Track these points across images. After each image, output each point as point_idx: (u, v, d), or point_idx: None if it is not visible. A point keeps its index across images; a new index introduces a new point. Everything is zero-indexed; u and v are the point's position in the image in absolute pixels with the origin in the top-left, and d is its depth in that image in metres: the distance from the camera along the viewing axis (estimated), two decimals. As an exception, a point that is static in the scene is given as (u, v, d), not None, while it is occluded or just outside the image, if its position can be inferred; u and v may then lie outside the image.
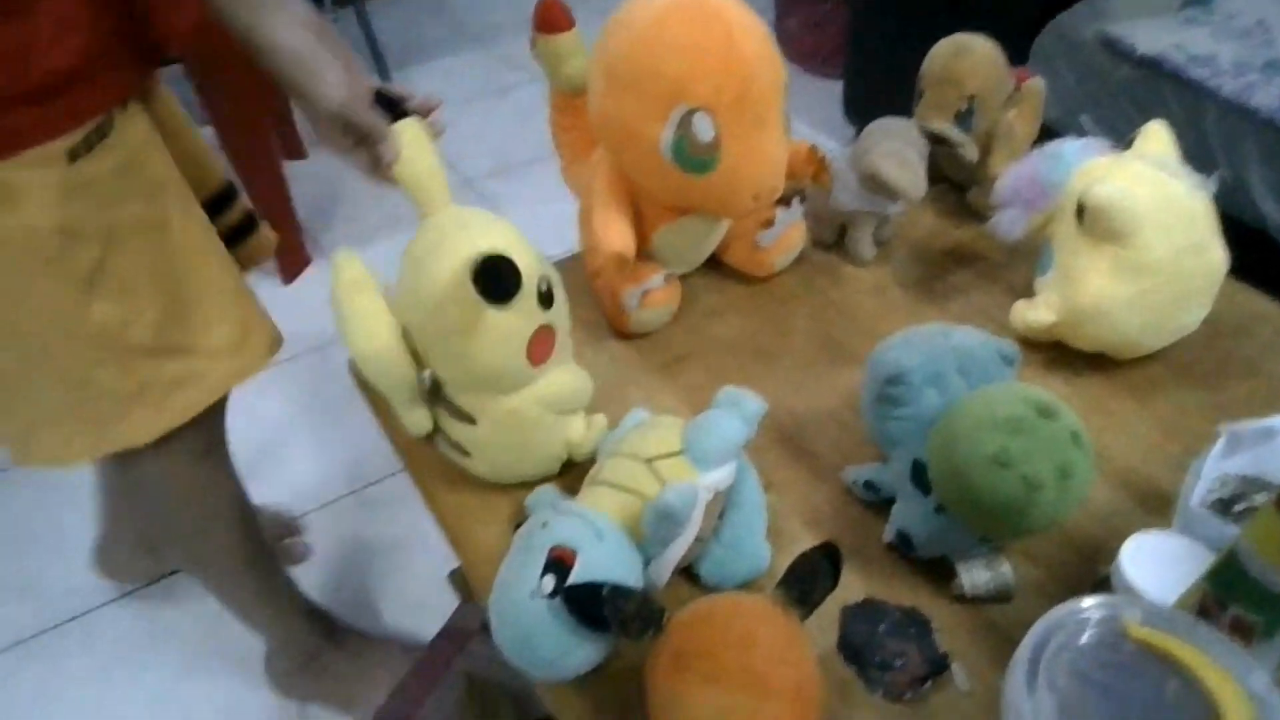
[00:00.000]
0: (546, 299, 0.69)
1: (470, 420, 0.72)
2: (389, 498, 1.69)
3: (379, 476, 1.72)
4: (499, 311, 0.64)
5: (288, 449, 1.81)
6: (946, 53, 1.00)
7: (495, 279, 0.62)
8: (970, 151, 0.98)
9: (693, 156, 0.77)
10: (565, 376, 0.73)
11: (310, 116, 0.72)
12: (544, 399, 0.72)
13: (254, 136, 1.98)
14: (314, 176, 2.47)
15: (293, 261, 2.16)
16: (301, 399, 1.90)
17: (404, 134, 0.72)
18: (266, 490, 1.72)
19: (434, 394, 0.74)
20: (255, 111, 1.97)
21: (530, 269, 0.65)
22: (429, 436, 0.76)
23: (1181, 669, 0.47)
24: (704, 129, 0.76)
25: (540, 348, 0.69)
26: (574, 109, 0.91)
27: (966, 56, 0.99)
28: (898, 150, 0.92)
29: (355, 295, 0.69)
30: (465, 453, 0.74)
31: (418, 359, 0.71)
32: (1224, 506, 0.67)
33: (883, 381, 0.70)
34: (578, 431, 0.75)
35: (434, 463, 0.80)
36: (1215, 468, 0.68)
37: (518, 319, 0.66)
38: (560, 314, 0.71)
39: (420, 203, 0.72)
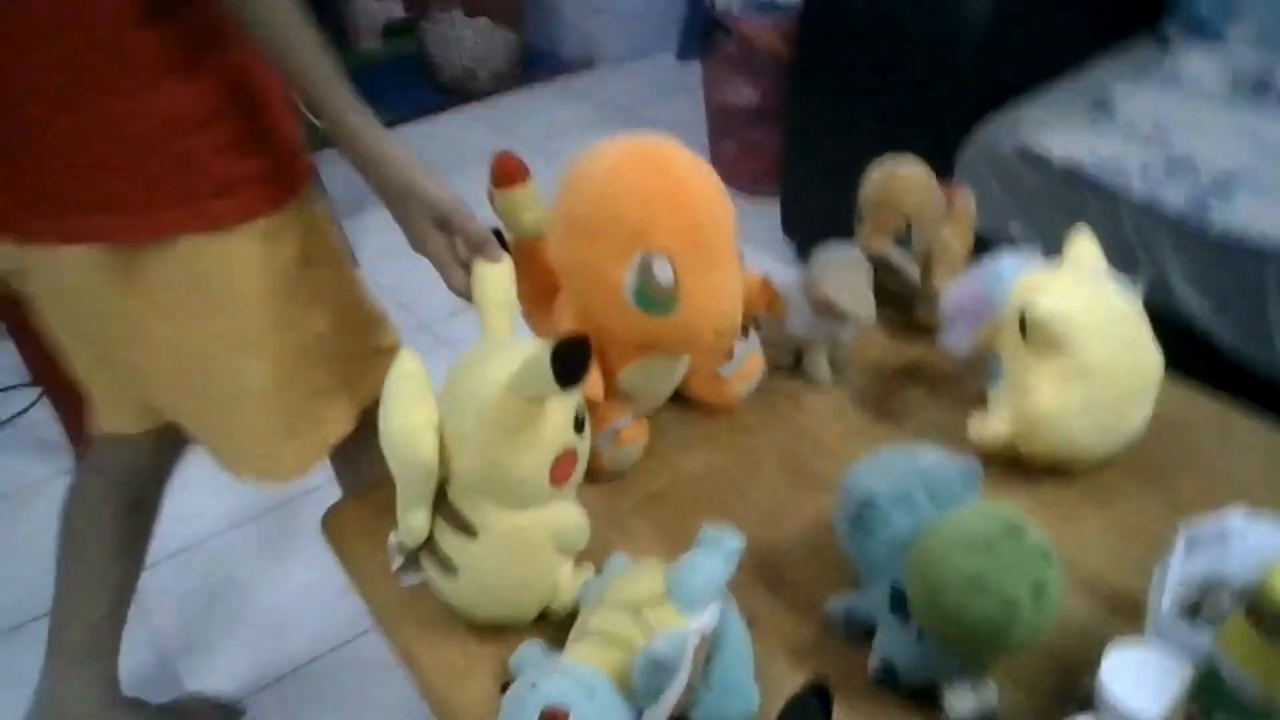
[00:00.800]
0: (579, 424, 0.73)
1: (471, 532, 0.72)
2: (361, 659, 1.64)
3: (346, 638, 1.67)
4: (552, 405, 0.69)
5: (259, 605, 1.75)
6: (881, 177, 1.05)
7: (573, 355, 0.65)
8: (913, 272, 1.03)
9: (655, 299, 0.80)
10: (574, 511, 0.76)
11: (417, 222, 0.83)
12: (551, 525, 0.74)
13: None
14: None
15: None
16: (269, 557, 1.85)
17: (498, 266, 0.82)
18: (239, 646, 1.66)
19: (438, 500, 0.74)
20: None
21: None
22: (414, 554, 0.75)
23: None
24: (663, 272, 0.79)
25: (563, 469, 0.72)
26: (532, 255, 0.94)
27: (899, 179, 1.04)
28: (846, 277, 0.96)
29: (406, 382, 0.71)
30: (452, 570, 0.74)
31: (442, 458, 0.72)
32: (1192, 611, 0.69)
33: (854, 507, 0.71)
34: (566, 575, 0.76)
35: (410, 620, 0.79)
36: (1179, 571, 0.70)
37: (554, 430, 0.70)
38: (584, 446, 0.75)
39: (489, 326, 0.80)
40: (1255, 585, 0.48)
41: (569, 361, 0.64)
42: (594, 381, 0.84)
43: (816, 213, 1.21)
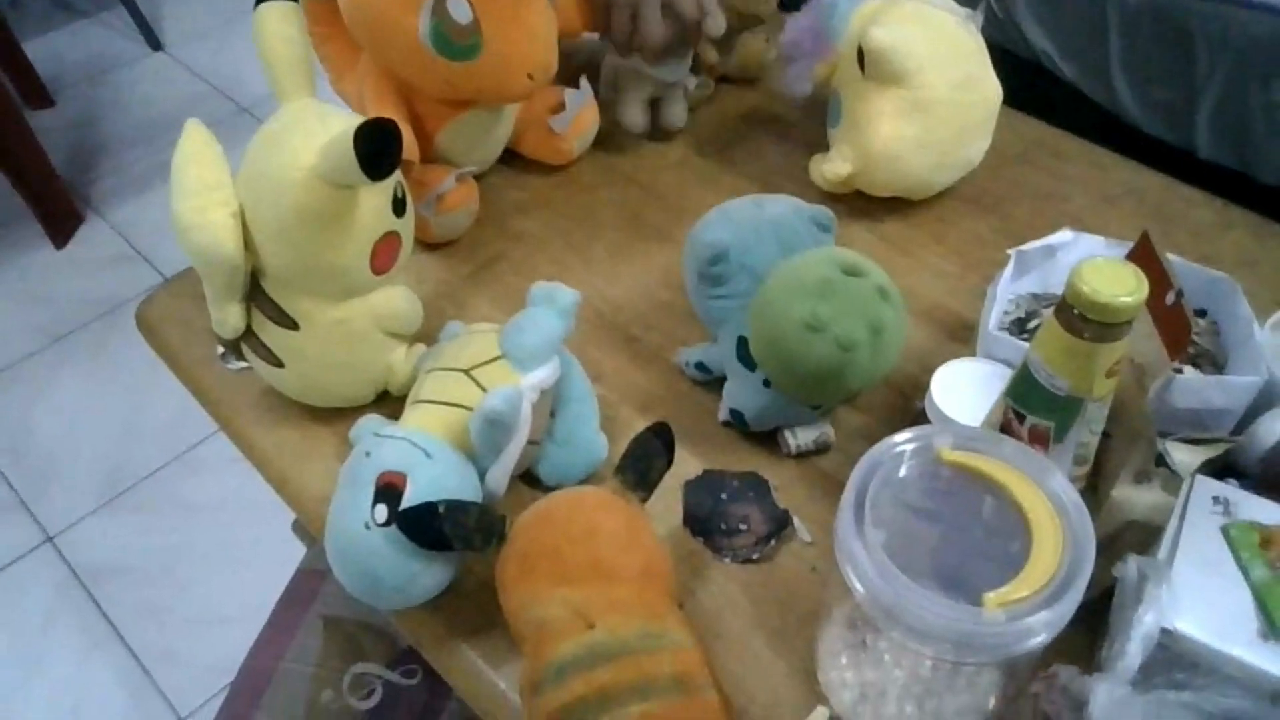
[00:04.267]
0: (399, 206, 0.67)
1: (291, 325, 0.67)
2: (215, 458, 1.62)
3: (200, 438, 1.63)
4: (366, 190, 0.62)
5: (92, 427, 1.69)
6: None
7: (380, 144, 0.58)
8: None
9: (455, 43, 0.73)
10: (401, 295, 0.70)
11: None
12: (376, 313, 0.69)
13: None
14: (68, 126, 2.24)
15: (62, 222, 1.97)
16: (96, 371, 1.77)
17: (270, 13, 0.65)
18: (83, 473, 1.61)
19: (253, 292, 0.68)
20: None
21: None
22: (235, 344, 0.71)
23: (992, 483, 0.49)
24: (460, 11, 0.72)
25: (385, 255, 0.67)
26: (330, 15, 0.84)
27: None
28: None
29: (192, 166, 0.62)
30: (277, 362, 0.69)
31: (249, 249, 0.65)
32: (1019, 326, 0.71)
33: (703, 261, 0.69)
34: (399, 358, 0.72)
35: (245, 406, 0.75)
36: (1007, 290, 0.72)
37: (371, 215, 0.64)
38: (407, 227, 0.69)
39: (282, 90, 0.66)
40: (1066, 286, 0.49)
41: (375, 150, 0.58)
42: (407, 142, 0.77)
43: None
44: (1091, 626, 0.55)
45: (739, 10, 0.96)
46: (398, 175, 0.66)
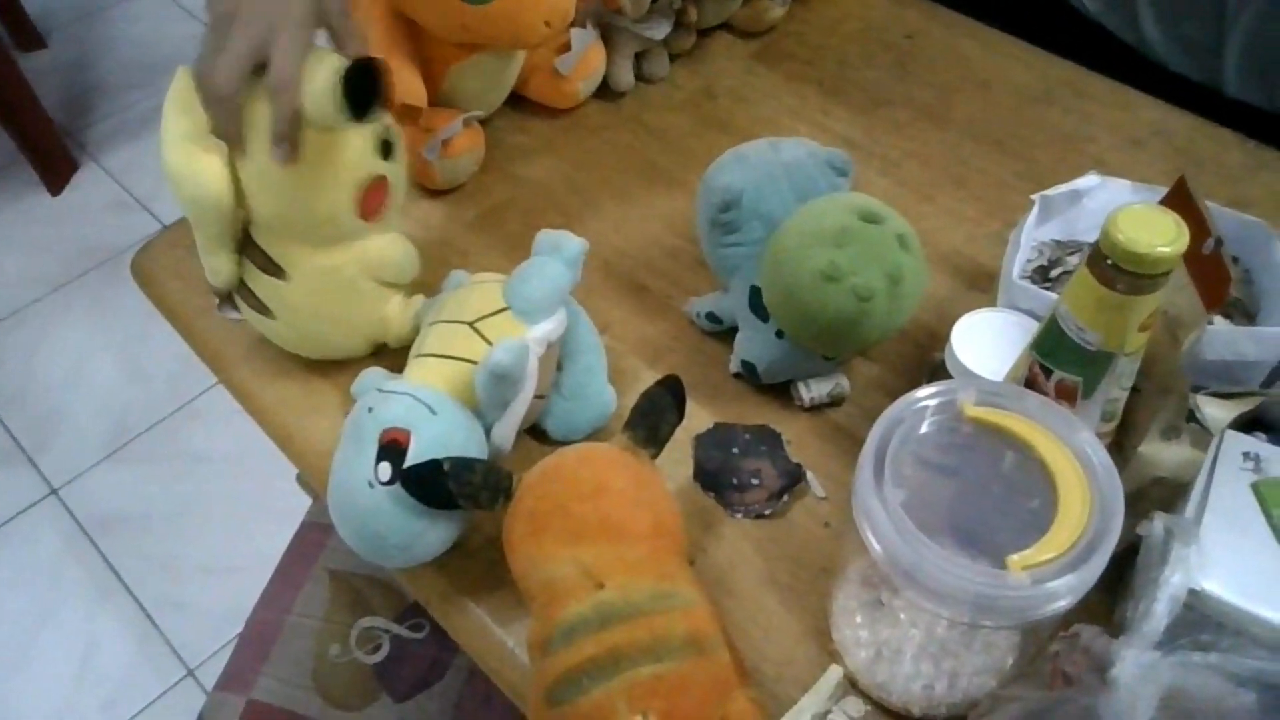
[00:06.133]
0: (386, 148, 0.64)
1: (280, 274, 0.65)
2: (221, 407, 1.60)
3: (205, 387, 1.62)
4: (350, 130, 0.60)
5: (95, 377, 1.67)
6: None
7: (366, 81, 0.57)
8: None
9: None
10: (393, 242, 0.68)
11: None
12: (365, 261, 0.66)
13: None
14: (60, 69, 2.19)
15: (57, 168, 1.94)
16: (97, 320, 1.75)
17: None
18: (87, 424, 1.61)
19: (244, 240, 0.66)
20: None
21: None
22: (229, 295, 0.69)
23: (1015, 440, 0.47)
24: (480, -48, 0.68)
25: (372, 200, 0.64)
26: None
27: None
28: None
29: (183, 114, 0.60)
30: (269, 313, 0.67)
31: (238, 197, 0.63)
32: (1042, 274, 0.69)
33: (715, 208, 0.67)
34: (395, 308, 0.70)
35: (244, 359, 0.73)
36: (1031, 237, 0.69)
37: (353, 158, 0.62)
38: (398, 172, 0.66)
39: None
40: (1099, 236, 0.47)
41: (361, 88, 0.56)
42: (414, 84, 0.74)
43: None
44: (1111, 583, 0.54)
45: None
46: (384, 117, 0.63)
